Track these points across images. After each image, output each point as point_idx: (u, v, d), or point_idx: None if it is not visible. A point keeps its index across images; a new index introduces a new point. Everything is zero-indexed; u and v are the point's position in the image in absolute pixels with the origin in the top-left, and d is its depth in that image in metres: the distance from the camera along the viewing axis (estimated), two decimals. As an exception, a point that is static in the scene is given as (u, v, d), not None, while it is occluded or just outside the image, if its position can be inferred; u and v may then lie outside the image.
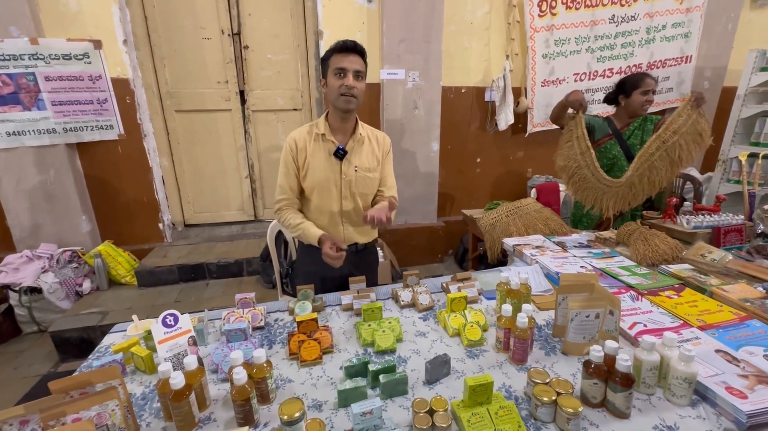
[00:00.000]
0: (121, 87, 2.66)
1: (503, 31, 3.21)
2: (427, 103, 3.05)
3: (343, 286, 1.46)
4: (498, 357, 1.05)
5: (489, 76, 3.29)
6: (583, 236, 1.84)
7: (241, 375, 0.81)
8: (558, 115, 2.01)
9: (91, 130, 2.64)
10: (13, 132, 2.48)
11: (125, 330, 1.23)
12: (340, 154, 1.41)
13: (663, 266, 1.47)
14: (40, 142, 2.53)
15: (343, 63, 1.32)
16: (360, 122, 1.48)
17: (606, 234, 1.80)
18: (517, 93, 3.31)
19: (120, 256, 2.73)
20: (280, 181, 1.47)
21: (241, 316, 1.21)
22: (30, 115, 2.48)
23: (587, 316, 1.02)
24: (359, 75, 1.35)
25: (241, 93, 3.02)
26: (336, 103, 1.36)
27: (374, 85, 3.00)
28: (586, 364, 0.87)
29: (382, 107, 3.04)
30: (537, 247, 1.70)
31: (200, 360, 1.05)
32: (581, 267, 1.49)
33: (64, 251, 2.63)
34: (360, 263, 1.58)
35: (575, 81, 3.35)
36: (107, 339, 1.22)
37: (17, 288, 2.42)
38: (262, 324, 1.22)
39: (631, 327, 1.11)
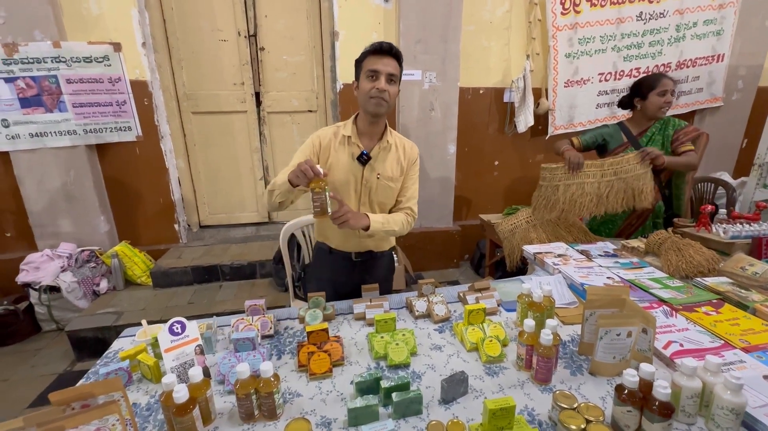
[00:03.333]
0: (140, 89, 2.69)
1: (524, 30, 3.12)
2: (444, 105, 2.99)
3: (356, 293, 1.41)
4: (519, 375, 0.98)
5: (508, 76, 3.20)
6: (609, 244, 1.74)
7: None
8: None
9: (110, 131, 2.68)
10: (36, 133, 2.53)
11: (135, 335, 1.21)
12: (363, 159, 1.36)
13: (698, 279, 1.37)
14: (62, 143, 2.57)
15: (376, 65, 1.27)
16: (389, 128, 1.43)
17: (634, 242, 1.70)
18: (538, 94, 3.20)
19: (136, 257, 2.76)
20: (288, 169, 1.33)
21: (251, 324, 1.18)
22: (52, 116, 2.53)
23: (618, 334, 0.94)
24: (392, 78, 1.30)
25: (257, 95, 3.01)
26: (366, 105, 1.32)
27: (390, 87, 2.95)
28: (619, 389, 0.79)
29: (398, 109, 2.98)
30: (559, 256, 1.61)
31: (207, 371, 1.02)
32: (608, 278, 1.40)
33: (83, 251, 2.67)
34: (375, 270, 1.53)
35: (600, 81, 3.23)
36: (116, 344, 1.20)
37: (37, 287, 2.47)
38: (271, 332, 1.18)
39: (665, 347, 1.02)
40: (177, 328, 0.99)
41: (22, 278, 2.51)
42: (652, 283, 1.35)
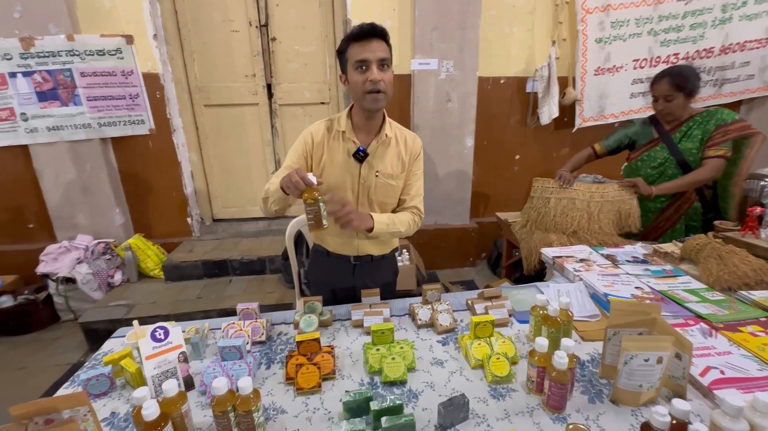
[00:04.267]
0: (152, 82, 2.68)
1: (549, 14, 2.91)
2: (462, 95, 2.84)
3: (356, 299, 1.33)
4: (529, 400, 0.87)
5: (532, 64, 3.00)
6: (638, 249, 1.58)
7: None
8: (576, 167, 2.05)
9: (124, 124, 2.68)
10: (53, 127, 2.56)
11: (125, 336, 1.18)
12: (360, 155, 1.23)
13: (743, 292, 1.20)
14: (77, 136, 2.60)
15: (363, 53, 1.11)
16: (388, 120, 1.28)
17: (667, 247, 1.53)
18: (564, 83, 2.99)
19: (149, 250, 2.78)
20: (280, 172, 1.24)
21: (241, 329, 1.11)
22: (67, 110, 2.56)
23: (646, 360, 0.81)
24: (384, 64, 1.13)
25: (268, 86, 2.96)
26: (362, 102, 1.17)
27: (404, 77, 2.82)
28: (645, 429, 0.67)
29: (412, 100, 2.86)
30: (582, 260, 1.47)
31: (190, 379, 0.96)
32: (636, 287, 1.26)
33: (98, 243, 2.71)
34: (376, 274, 1.42)
35: (634, 68, 2.98)
36: (107, 345, 1.17)
37: (55, 278, 2.52)
38: (263, 338, 1.11)
39: (703, 374, 0.89)
40: (160, 334, 0.94)
41: (41, 269, 2.57)
42: (687, 295, 1.20)
